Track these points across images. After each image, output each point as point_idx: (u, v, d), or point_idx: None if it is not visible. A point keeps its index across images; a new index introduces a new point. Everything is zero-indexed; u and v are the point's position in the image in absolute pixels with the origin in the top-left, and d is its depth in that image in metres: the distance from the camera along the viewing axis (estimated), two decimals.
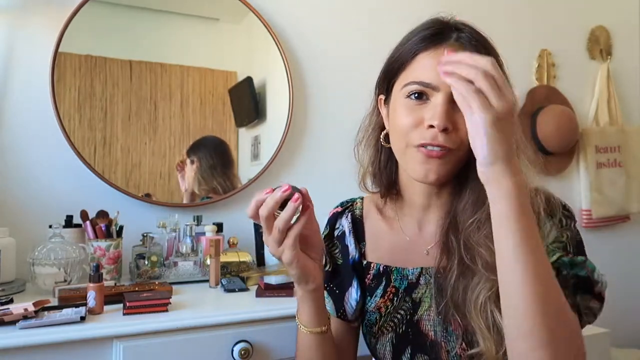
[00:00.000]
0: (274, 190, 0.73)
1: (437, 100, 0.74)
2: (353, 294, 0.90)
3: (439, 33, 0.78)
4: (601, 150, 2.18)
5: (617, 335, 1.93)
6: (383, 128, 0.87)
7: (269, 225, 0.73)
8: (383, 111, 0.87)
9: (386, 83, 0.85)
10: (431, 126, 0.74)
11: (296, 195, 0.71)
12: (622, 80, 2.32)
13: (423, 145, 0.75)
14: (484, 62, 0.60)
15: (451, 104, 0.74)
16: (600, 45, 2.27)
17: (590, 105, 2.23)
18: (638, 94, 2.39)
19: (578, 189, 2.21)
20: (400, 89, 0.79)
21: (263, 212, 0.73)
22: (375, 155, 0.89)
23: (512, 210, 0.62)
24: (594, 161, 2.17)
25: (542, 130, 2.04)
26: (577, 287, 0.72)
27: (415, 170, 0.77)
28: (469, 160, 0.78)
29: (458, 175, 0.81)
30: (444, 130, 0.74)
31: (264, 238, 0.76)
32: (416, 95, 0.77)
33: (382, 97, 0.87)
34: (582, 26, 2.26)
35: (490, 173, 0.63)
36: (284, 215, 0.72)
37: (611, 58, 2.28)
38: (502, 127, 0.61)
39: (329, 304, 0.93)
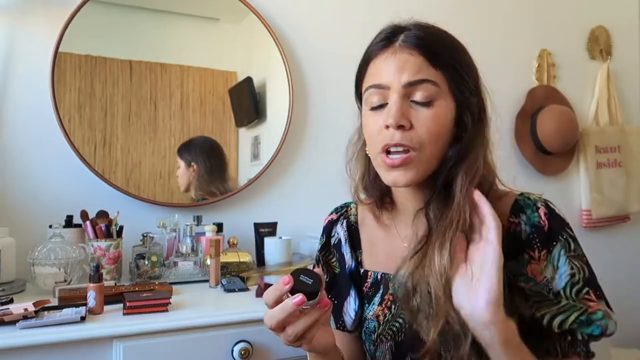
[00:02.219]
0: (290, 294, 0.67)
1: (392, 100, 0.75)
2: (352, 304, 0.89)
3: (388, 37, 0.79)
4: (601, 150, 2.18)
5: (617, 335, 1.93)
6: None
7: (281, 327, 0.69)
8: None
9: (358, 95, 0.86)
10: (387, 126, 0.75)
11: (325, 300, 0.68)
12: (622, 80, 2.32)
13: (385, 150, 0.75)
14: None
15: (405, 99, 0.75)
16: (600, 45, 2.27)
17: (590, 105, 2.23)
18: (638, 94, 2.39)
19: (578, 189, 2.21)
20: (364, 98, 0.81)
21: (271, 324, 0.68)
22: (366, 168, 0.89)
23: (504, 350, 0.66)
24: (594, 161, 2.17)
25: (542, 130, 2.04)
26: (591, 337, 0.73)
27: (384, 177, 0.78)
28: (445, 159, 0.78)
29: (437, 178, 0.80)
30: (400, 127, 0.74)
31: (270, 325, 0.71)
32: (376, 102, 0.78)
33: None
34: (582, 26, 2.26)
35: (495, 317, 0.65)
36: (306, 323, 0.68)
37: (611, 58, 2.28)
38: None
39: None
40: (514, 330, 0.67)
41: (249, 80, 1.63)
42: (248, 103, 1.64)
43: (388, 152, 0.76)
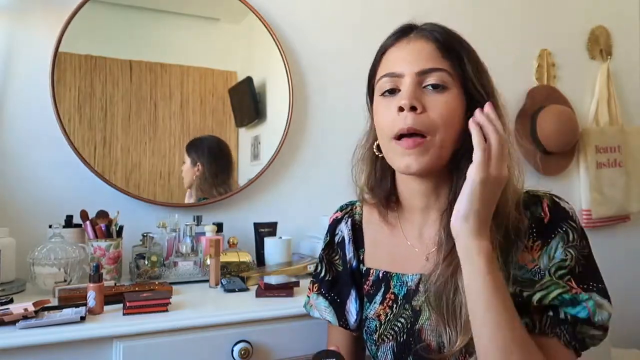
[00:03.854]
0: None
1: (404, 85, 0.78)
2: (353, 303, 0.90)
3: (402, 31, 0.83)
4: (601, 150, 2.18)
5: (617, 336, 1.93)
6: (376, 139, 0.87)
7: None
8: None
9: (370, 92, 0.87)
10: (401, 109, 0.76)
11: None
12: (622, 80, 2.32)
13: (399, 136, 0.77)
14: (502, 132, 0.70)
15: (418, 86, 0.77)
16: (600, 45, 2.27)
17: (590, 105, 2.23)
18: (638, 94, 2.39)
19: (578, 189, 2.21)
20: (376, 90, 0.83)
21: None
22: (371, 168, 0.89)
23: (477, 270, 0.68)
24: (594, 161, 2.17)
25: (542, 130, 2.04)
26: (576, 323, 0.71)
27: (397, 163, 0.79)
28: (457, 153, 0.79)
29: (452, 172, 0.80)
30: (413, 109, 0.75)
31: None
32: (388, 90, 0.80)
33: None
34: (582, 26, 2.26)
35: (460, 228, 0.69)
36: None
37: (611, 58, 2.28)
38: (488, 191, 0.68)
39: (330, 314, 0.93)
40: (489, 251, 0.69)
41: (249, 80, 1.63)
42: (248, 103, 1.64)
43: (400, 138, 0.77)
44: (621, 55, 2.33)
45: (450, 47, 0.79)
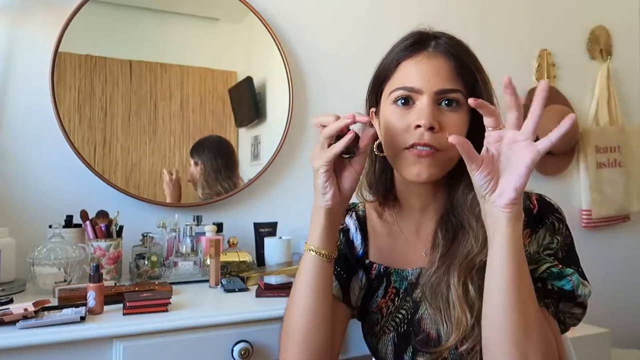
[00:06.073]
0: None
1: (423, 102, 0.79)
2: (360, 278, 0.91)
3: (419, 42, 0.84)
4: (601, 150, 2.18)
5: (617, 335, 1.93)
6: (376, 139, 0.88)
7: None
8: (375, 123, 0.89)
9: (375, 95, 0.89)
10: (418, 126, 0.78)
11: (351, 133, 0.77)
12: (622, 80, 2.32)
13: (413, 146, 0.79)
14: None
15: (436, 105, 0.80)
16: (600, 45, 2.27)
17: (590, 105, 2.23)
18: (638, 94, 2.40)
19: (578, 189, 2.21)
20: (387, 97, 0.84)
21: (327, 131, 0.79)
22: (370, 166, 0.92)
23: (509, 245, 0.69)
24: (594, 161, 2.17)
25: (542, 130, 2.04)
26: (561, 297, 0.78)
27: (408, 171, 0.81)
28: (460, 159, 0.80)
29: (452, 176, 0.84)
30: (431, 129, 0.78)
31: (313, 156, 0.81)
32: (402, 101, 0.81)
33: (373, 109, 0.90)
34: (582, 26, 2.26)
35: (512, 211, 0.69)
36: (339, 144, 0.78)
37: (611, 58, 2.28)
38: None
39: (336, 288, 0.92)
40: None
41: (249, 80, 1.63)
42: (248, 103, 1.64)
43: (411, 147, 0.79)
44: (621, 55, 2.33)
45: (467, 68, 0.82)
